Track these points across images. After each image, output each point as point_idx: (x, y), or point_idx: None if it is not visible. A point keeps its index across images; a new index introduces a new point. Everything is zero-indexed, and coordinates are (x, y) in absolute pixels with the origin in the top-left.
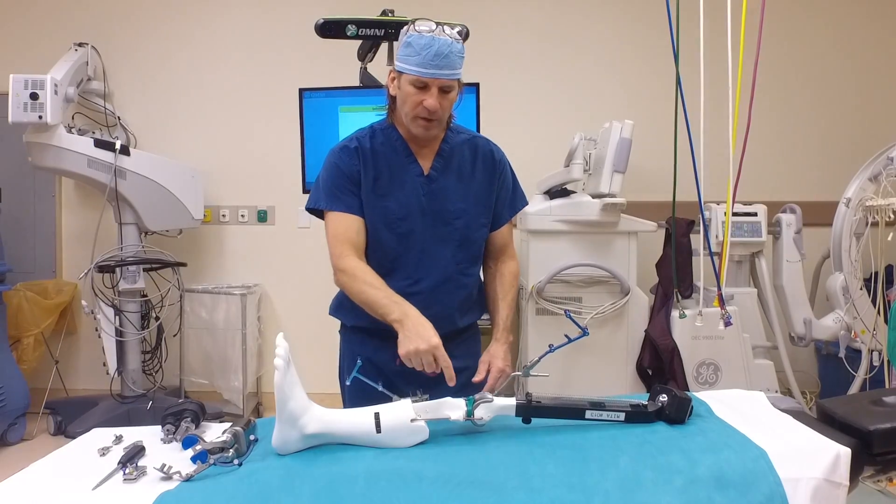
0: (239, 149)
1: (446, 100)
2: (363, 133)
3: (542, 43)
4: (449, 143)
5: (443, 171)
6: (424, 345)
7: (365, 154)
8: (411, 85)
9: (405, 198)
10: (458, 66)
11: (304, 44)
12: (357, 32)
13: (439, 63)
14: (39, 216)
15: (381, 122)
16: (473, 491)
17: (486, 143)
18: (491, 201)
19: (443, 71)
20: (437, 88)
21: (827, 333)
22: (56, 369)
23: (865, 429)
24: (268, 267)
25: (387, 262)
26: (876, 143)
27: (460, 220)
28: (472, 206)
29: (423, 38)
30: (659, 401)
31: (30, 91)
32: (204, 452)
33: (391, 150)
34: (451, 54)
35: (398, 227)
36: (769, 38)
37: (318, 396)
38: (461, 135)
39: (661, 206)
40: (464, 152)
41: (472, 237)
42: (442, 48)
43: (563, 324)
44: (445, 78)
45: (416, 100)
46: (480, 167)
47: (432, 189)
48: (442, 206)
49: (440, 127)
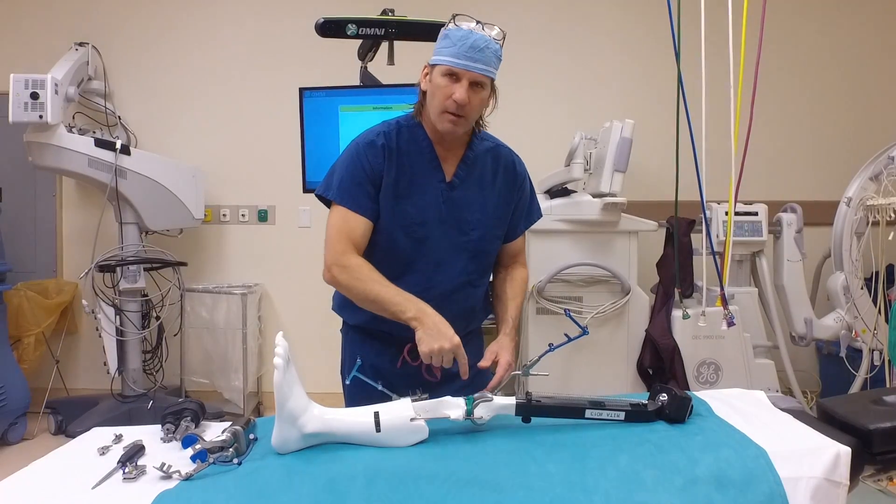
0: (239, 148)
1: (476, 97)
2: (389, 129)
3: (543, 42)
4: (474, 151)
5: (465, 180)
6: (448, 344)
7: (391, 152)
8: (443, 76)
9: (425, 203)
10: (494, 66)
11: (305, 43)
12: (357, 32)
13: (474, 56)
14: (40, 216)
15: (406, 117)
16: (473, 490)
17: (510, 154)
18: (508, 213)
19: (476, 64)
20: (468, 81)
21: (828, 333)
22: (57, 369)
23: (865, 428)
24: (268, 266)
25: (399, 266)
26: (877, 142)
27: (476, 232)
28: (490, 219)
29: (461, 30)
30: (659, 400)
31: (30, 91)
32: (203, 451)
33: (416, 150)
34: (486, 49)
35: (415, 233)
36: (770, 36)
37: (319, 396)
38: (485, 142)
39: (662, 206)
40: (486, 161)
41: (486, 249)
42: (478, 42)
43: (564, 323)
44: (478, 72)
45: (447, 91)
46: (501, 178)
47: (453, 197)
48: (460, 215)
49: (467, 126)
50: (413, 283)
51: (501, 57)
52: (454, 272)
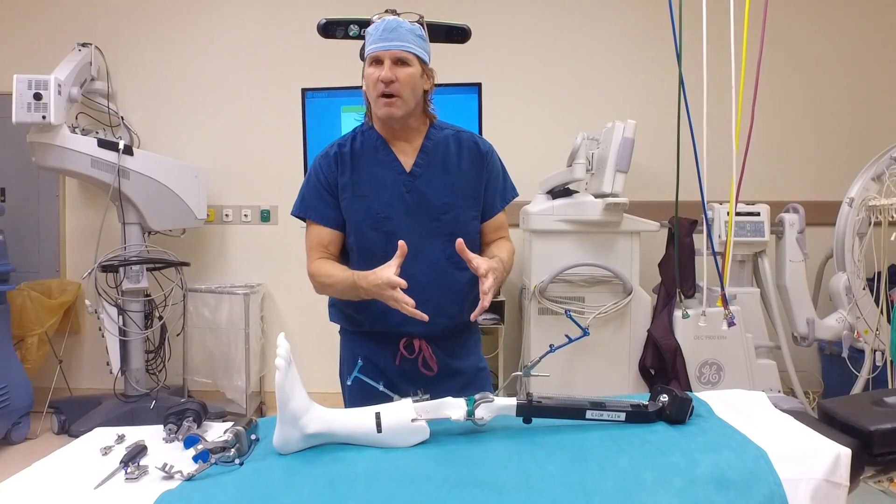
0: (242, 148)
1: (403, 72)
2: (346, 137)
3: (545, 43)
4: (432, 140)
5: (426, 168)
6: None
7: (343, 158)
8: (370, 66)
9: (387, 196)
10: (411, 41)
11: (307, 44)
12: (359, 32)
13: (388, 36)
14: (43, 216)
15: (363, 124)
16: (474, 491)
17: (471, 136)
18: (479, 192)
19: (392, 43)
20: (389, 60)
21: (830, 333)
22: (60, 369)
23: (866, 429)
24: (271, 266)
25: (375, 262)
26: (879, 142)
27: (448, 215)
28: (460, 199)
29: (376, 23)
30: (659, 401)
31: (33, 91)
32: (205, 452)
33: (371, 149)
34: (398, 28)
35: (383, 226)
36: (772, 37)
37: (320, 396)
38: (445, 130)
39: (664, 206)
40: (448, 146)
41: (463, 229)
42: (390, 24)
43: (566, 323)
44: (396, 49)
45: (374, 76)
46: (467, 160)
47: (416, 185)
48: (427, 201)
49: (405, 106)
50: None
51: (423, 36)
52: (433, 258)
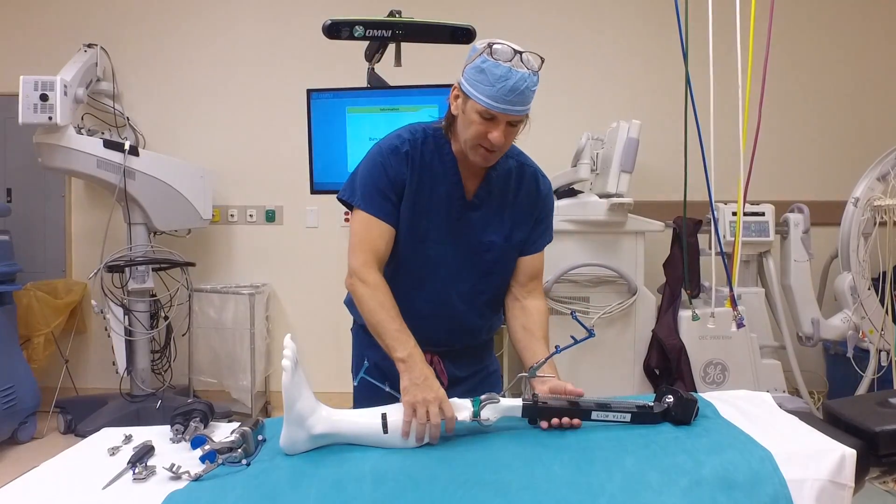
0: (247, 149)
1: (512, 134)
2: (415, 136)
3: (549, 43)
4: (497, 171)
5: (485, 200)
6: (432, 395)
7: (414, 161)
8: (478, 114)
9: (440, 220)
10: (531, 100)
11: (312, 45)
12: (364, 33)
13: (513, 99)
14: (49, 216)
15: (433, 127)
16: (479, 491)
17: (534, 173)
18: (525, 233)
19: (515, 107)
20: (505, 123)
21: (835, 333)
22: (66, 368)
23: (871, 430)
24: (276, 266)
25: (410, 280)
26: (884, 142)
27: (489, 253)
28: (504, 240)
29: (500, 68)
30: (665, 402)
31: (40, 92)
32: (212, 452)
33: (440, 164)
34: (526, 90)
35: (427, 248)
36: (778, 37)
37: (327, 396)
38: (510, 159)
39: (668, 206)
40: (510, 179)
41: (500, 270)
42: (518, 84)
43: (571, 324)
44: (517, 114)
45: (482, 130)
46: (524, 195)
47: (470, 217)
48: (475, 235)
49: (499, 157)
50: (424, 300)
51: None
52: (466, 289)
